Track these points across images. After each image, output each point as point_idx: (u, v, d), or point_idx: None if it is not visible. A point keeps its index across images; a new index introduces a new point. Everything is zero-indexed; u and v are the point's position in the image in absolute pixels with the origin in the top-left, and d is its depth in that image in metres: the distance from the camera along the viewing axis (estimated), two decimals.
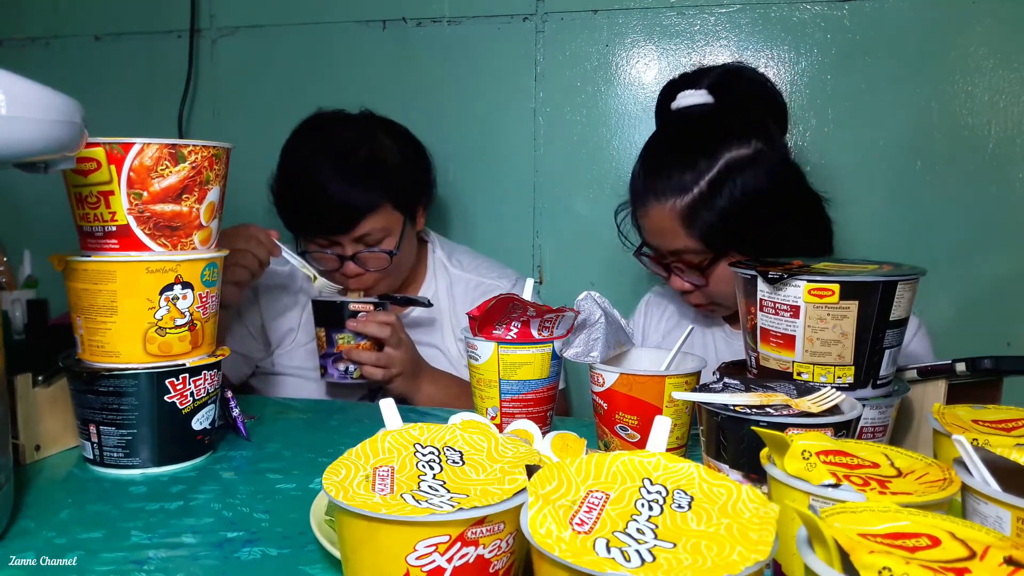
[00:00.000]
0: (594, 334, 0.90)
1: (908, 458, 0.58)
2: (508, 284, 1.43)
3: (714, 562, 0.41)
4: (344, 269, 1.31)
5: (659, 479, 0.49)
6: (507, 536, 0.50)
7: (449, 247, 1.49)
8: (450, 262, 1.46)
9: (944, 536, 0.43)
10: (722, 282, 1.16)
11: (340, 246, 1.29)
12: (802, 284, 0.79)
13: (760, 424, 0.66)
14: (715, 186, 1.10)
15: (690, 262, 1.16)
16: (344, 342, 1.23)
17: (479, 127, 1.61)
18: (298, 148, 1.32)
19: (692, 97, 1.18)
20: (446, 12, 1.60)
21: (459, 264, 1.46)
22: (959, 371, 0.84)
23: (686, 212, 1.11)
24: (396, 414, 0.60)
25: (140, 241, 0.85)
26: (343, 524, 0.51)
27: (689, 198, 1.11)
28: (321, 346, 1.25)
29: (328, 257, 1.31)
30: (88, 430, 0.87)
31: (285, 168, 1.32)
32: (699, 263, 1.15)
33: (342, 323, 1.23)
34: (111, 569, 0.64)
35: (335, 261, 1.31)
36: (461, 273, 1.44)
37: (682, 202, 1.11)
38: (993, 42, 1.37)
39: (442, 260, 1.46)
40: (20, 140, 0.59)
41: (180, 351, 0.88)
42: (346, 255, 1.29)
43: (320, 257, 1.32)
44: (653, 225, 1.17)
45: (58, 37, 1.80)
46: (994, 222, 1.41)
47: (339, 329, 1.23)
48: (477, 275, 1.44)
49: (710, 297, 1.20)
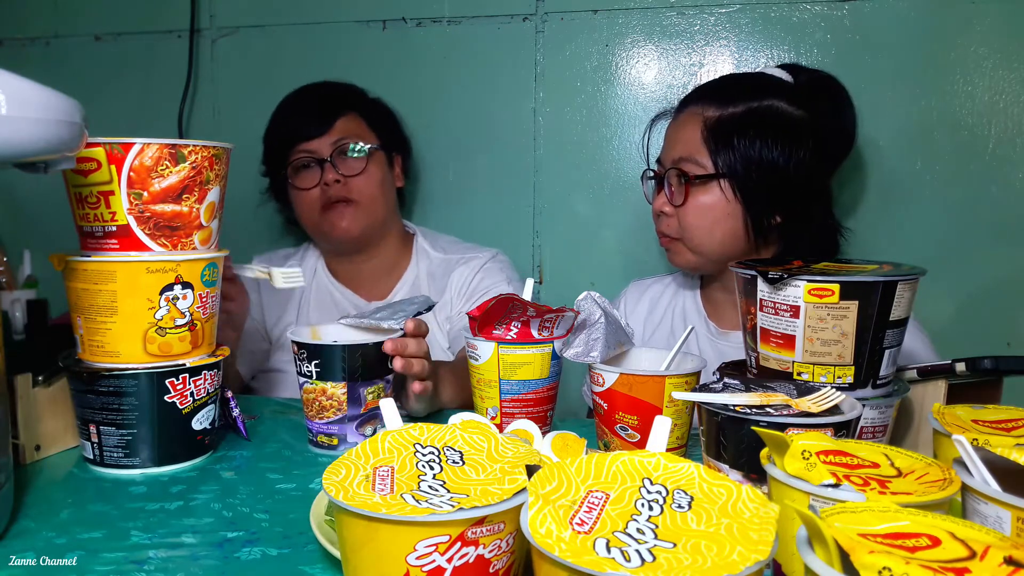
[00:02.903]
0: (594, 334, 0.90)
1: (908, 458, 0.58)
2: (488, 254, 1.46)
3: (714, 562, 0.41)
4: (324, 177, 1.37)
5: (659, 479, 0.49)
6: (507, 536, 0.50)
7: (432, 235, 1.53)
8: (432, 248, 1.50)
9: (944, 536, 0.43)
10: (697, 211, 1.18)
11: (318, 154, 1.37)
12: (802, 284, 0.79)
13: (760, 424, 0.66)
14: (750, 116, 1.16)
15: (685, 171, 1.17)
16: (374, 396, 0.94)
17: (479, 127, 1.61)
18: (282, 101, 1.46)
19: (777, 71, 1.24)
20: (446, 12, 1.60)
21: (440, 248, 1.50)
22: (959, 371, 0.84)
23: (714, 120, 1.17)
24: (396, 414, 0.60)
25: (140, 241, 0.85)
26: (343, 524, 0.51)
27: (724, 112, 1.17)
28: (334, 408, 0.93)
29: (310, 173, 1.38)
30: (88, 430, 0.87)
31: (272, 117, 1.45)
32: (687, 173, 1.17)
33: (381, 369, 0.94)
34: (111, 569, 0.64)
35: (316, 175, 1.37)
36: (443, 256, 1.49)
37: (717, 113, 1.17)
38: (993, 42, 1.37)
39: (424, 247, 1.50)
40: (20, 140, 0.59)
41: (180, 351, 0.88)
42: (324, 158, 1.37)
43: (304, 176, 1.39)
44: (678, 128, 1.21)
45: (58, 37, 1.80)
46: (994, 222, 1.41)
47: (372, 380, 0.93)
48: (459, 254, 1.48)
49: (680, 229, 1.20)
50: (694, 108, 1.20)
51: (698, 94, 1.23)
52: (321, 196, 1.37)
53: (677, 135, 1.21)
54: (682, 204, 1.18)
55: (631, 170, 1.55)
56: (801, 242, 1.21)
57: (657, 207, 1.22)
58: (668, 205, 1.20)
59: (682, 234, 1.20)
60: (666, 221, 1.22)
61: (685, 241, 1.21)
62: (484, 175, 1.62)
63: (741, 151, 1.14)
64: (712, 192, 1.17)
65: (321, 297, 1.48)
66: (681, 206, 1.18)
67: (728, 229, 1.18)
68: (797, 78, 1.23)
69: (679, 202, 1.18)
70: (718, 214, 1.17)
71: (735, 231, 1.18)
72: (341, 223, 1.38)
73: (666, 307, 1.36)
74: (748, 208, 1.16)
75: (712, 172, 1.16)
